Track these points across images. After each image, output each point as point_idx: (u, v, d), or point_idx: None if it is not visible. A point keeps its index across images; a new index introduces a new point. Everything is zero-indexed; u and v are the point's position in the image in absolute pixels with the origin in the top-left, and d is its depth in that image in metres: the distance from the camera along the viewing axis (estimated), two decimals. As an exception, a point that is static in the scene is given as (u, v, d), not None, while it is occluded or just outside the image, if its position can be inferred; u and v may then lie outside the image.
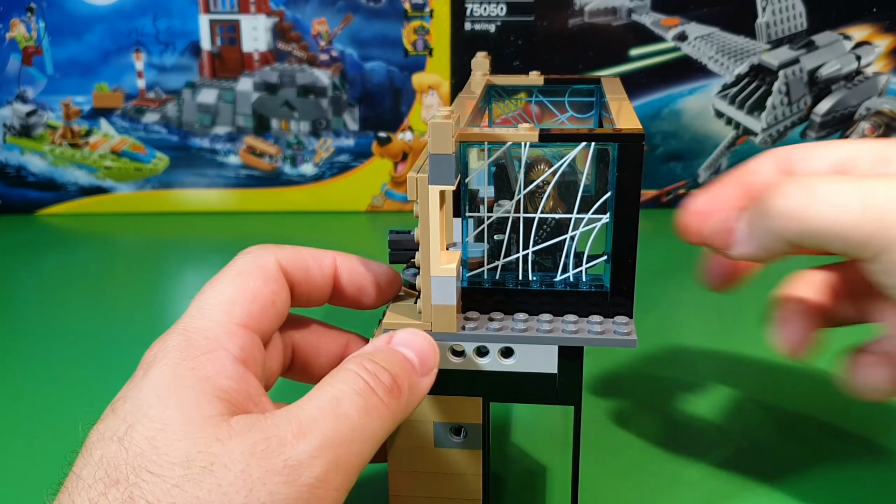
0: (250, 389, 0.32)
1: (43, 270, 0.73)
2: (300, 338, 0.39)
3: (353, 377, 0.32)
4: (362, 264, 0.39)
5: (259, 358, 0.35)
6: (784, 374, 0.53)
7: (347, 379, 0.32)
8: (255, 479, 0.28)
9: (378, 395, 0.32)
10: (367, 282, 0.39)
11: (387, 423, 0.32)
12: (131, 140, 0.83)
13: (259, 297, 0.35)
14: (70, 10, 0.78)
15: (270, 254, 0.37)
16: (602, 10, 0.79)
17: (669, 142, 0.83)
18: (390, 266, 0.40)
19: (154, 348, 0.33)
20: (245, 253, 0.37)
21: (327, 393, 0.32)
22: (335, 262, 0.38)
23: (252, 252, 0.37)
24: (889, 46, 0.80)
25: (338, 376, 0.33)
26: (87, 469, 0.28)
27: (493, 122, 0.49)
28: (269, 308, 0.35)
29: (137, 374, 0.32)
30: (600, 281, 0.37)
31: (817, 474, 0.44)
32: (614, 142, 0.34)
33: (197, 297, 0.35)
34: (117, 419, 0.30)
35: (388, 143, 0.83)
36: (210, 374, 0.31)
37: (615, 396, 0.51)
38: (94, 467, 0.28)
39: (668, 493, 0.42)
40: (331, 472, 0.30)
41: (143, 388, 0.31)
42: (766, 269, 0.41)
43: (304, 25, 0.79)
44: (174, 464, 0.28)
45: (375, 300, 0.39)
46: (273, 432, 0.29)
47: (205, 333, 0.33)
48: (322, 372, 0.39)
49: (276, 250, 0.37)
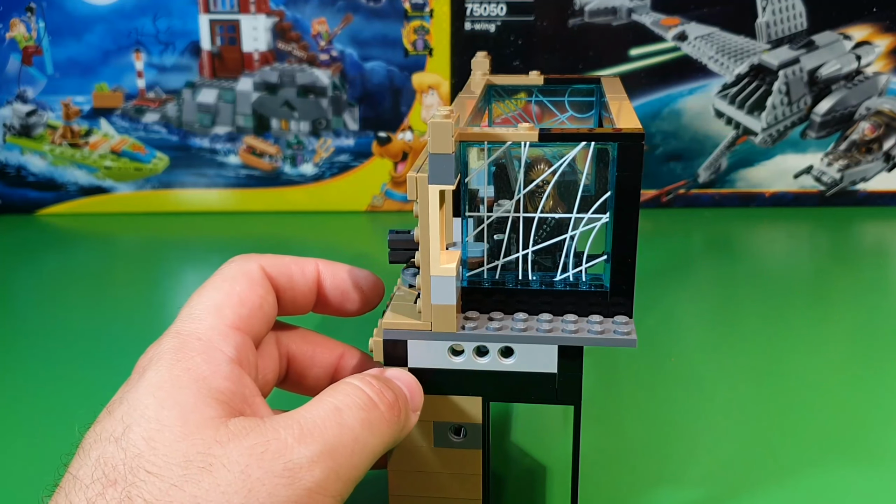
0: (245, 390, 0.32)
1: (43, 270, 0.73)
2: (295, 347, 0.39)
3: (355, 390, 0.33)
4: (345, 271, 0.39)
5: (252, 360, 0.35)
6: (784, 373, 0.53)
7: (350, 392, 0.33)
8: (254, 480, 0.28)
9: (380, 410, 0.33)
10: (351, 288, 0.39)
11: (386, 438, 0.33)
12: (131, 140, 0.83)
13: (246, 300, 0.35)
14: (70, 10, 0.78)
15: (253, 261, 0.37)
16: (602, 10, 0.79)
17: (669, 142, 0.83)
18: (372, 273, 0.40)
19: (149, 353, 0.33)
20: (228, 262, 0.37)
21: (329, 402, 0.32)
22: (318, 268, 0.39)
23: (235, 261, 0.37)
24: (889, 46, 0.80)
25: (340, 388, 0.33)
26: (84, 469, 0.28)
27: (493, 121, 0.49)
28: (258, 311, 0.36)
29: (133, 377, 0.32)
30: (600, 281, 0.37)
31: (817, 474, 0.44)
32: (614, 141, 0.34)
33: (185, 305, 0.35)
34: (114, 420, 0.30)
35: (388, 143, 0.83)
36: (206, 375, 0.31)
37: (615, 396, 0.51)
38: (91, 467, 0.28)
39: (668, 493, 0.42)
40: (330, 479, 0.30)
41: (140, 390, 0.31)
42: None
43: (304, 25, 0.79)
44: (172, 464, 0.28)
45: (359, 306, 0.39)
46: (273, 435, 0.30)
47: (197, 335, 0.33)
48: (316, 382, 0.39)
49: (258, 258, 0.37)
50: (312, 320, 0.40)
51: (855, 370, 0.54)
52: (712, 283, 0.69)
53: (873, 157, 0.83)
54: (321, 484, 0.29)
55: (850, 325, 0.61)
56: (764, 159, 0.83)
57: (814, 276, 0.72)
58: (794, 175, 0.84)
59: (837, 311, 0.64)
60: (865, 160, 0.83)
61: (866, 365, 0.55)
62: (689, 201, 0.85)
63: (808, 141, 0.83)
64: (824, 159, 0.83)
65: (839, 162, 0.83)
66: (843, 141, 0.83)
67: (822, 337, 0.59)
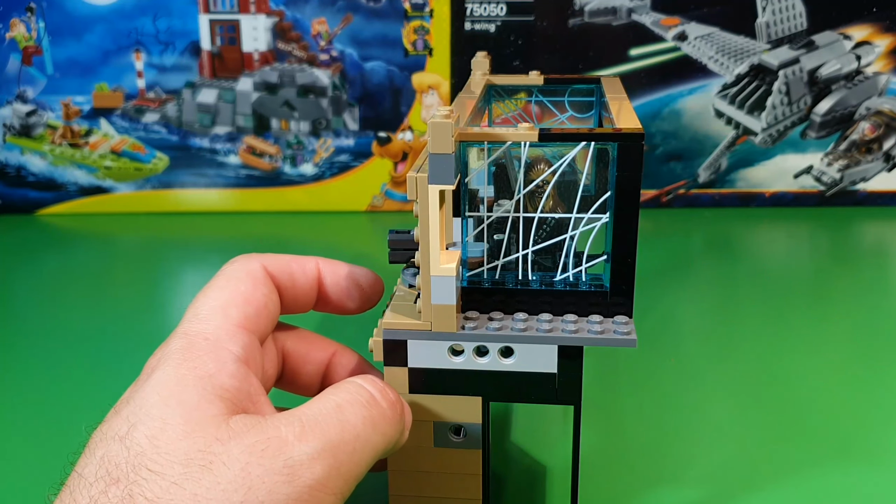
0: (251, 389, 0.32)
1: (43, 270, 0.73)
2: (290, 345, 0.39)
3: (358, 388, 0.33)
4: (345, 269, 0.39)
5: (258, 359, 0.35)
6: (784, 373, 0.53)
7: (352, 389, 0.33)
8: (254, 478, 0.28)
9: (382, 407, 0.33)
10: (351, 285, 0.39)
11: (388, 436, 0.33)
12: (131, 140, 0.83)
13: (251, 300, 0.35)
14: (70, 10, 0.78)
15: (255, 261, 0.37)
16: (602, 10, 0.79)
17: (669, 142, 0.83)
18: (372, 270, 0.40)
19: (157, 354, 0.33)
20: (231, 262, 0.37)
21: (331, 400, 0.32)
22: (318, 266, 0.39)
23: (238, 261, 0.37)
24: (889, 46, 0.80)
25: (343, 386, 0.33)
26: (89, 468, 0.29)
27: (493, 121, 0.49)
28: (263, 310, 0.36)
29: (141, 377, 0.32)
30: (600, 280, 0.37)
31: (817, 475, 0.44)
32: (614, 141, 0.34)
33: (191, 305, 0.35)
34: (120, 419, 0.30)
35: (388, 143, 0.83)
36: (212, 372, 0.31)
37: (615, 396, 0.51)
38: (95, 466, 0.29)
39: (668, 493, 0.42)
40: (331, 476, 0.30)
41: (146, 389, 0.31)
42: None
43: (304, 25, 0.79)
44: (174, 462, 0.28)
45: (359, 304, 0.40)
46: (274, 433, 0.30)
47: (205, 335, 0.33)
48: (309, 380, 0.39)
49: (260, 258, 0.38)
50: (314, 321, 0.40)
51: (855, 370, 0.54)
52: (712, 283, 0.69)
53: (873, 157, 0.83)
54: (322, 481, 0.29)
55: (850, 325, 0.61)
56: (764, 159, 0.83)
57: (814, 276, 0.72)
58: (794, 175, 0.84)
59: (837, 311, 0.64)
60: (865, 160, 0.83)
61: (866, 365, 0.55)
62: (689, 201, 0.85)
63: (808, 141, 0.83)
64: (824, 159, 0.83)
65: (839, 162, 0.83)
66: (843, 141, 0.83)
67: (822, 337, 0.59)
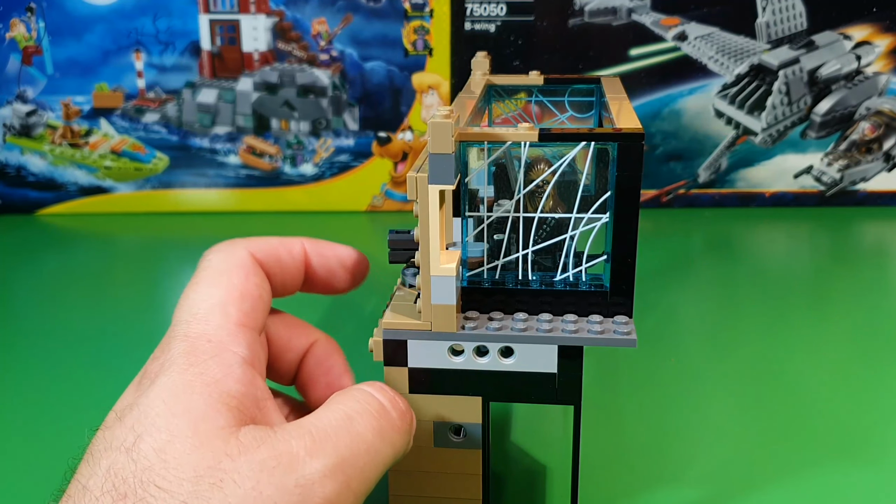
0: (257, 392, 0.32)
1: (43, 270, 0.73)
2: (274, 331, 0.38)
3: (367, 396, 0.32)
4: (330, 248, 0.38)
5: (262, 356, 0.34)
6: (784, 373, 0.53)
7: (361, 398, 0.32)
8: (265, 497, 0.28)
9: (392, 416, 0.32)
10: (337, 264, 0.38)
11: (397, 447, 0.32)
12: (131, 140, 0.83)
13: (247, 294, 0.34)
14: (70, 10, 0.78)
15: (241, 248, 0.36)
16: (602, 10, 0.79)
17: (669, 142, 0.83)
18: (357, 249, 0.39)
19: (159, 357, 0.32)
20: (215, 251, 0.36)
21: (340, 410, 0.31)
22: (304, 247, 0.38)
23: (223, 250, 0.36)
24: (889, 46, 0.80)
25: (352, 394, 0.32)
26: (94, 479, 0.28)
27: (493, 121, 0.49)
28: (258, 303, 0.35)
29: (144, 382, 0.31)
30: (600, 280, 0.37)
31: (817, 474, 0.44)
32: (614, 141, 0.34)
33: (181, 304, 0.34)
34: (125, 428, 0.29)
35: (388, 143, 0.83)
36: (218, 378, 0.31)
37: (615, 396, 0.51)
38: (101, 478, 0.28)
39: (668, 493, 0.42)
40: (342, 494, 0.29)
41: (151, 395, 0.30)
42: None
43: (304, 25, 0.79)
44: (183, 479, 0.27)
45: (346, 283, 0.39)
46: (284, 448, 0.29)
47: (207, 337, 0.32)
48: (288, 367, 0.38)
49: (245, 244, 0.36)
50: (316, 316, 0.39)
51: (855, 370, 0.54)
52: (712, 283, 0.69)
53: (873, 157, 0.83)
54: (333, 500, 0.29)
55: (850, 325, 0.61)
56: (764, 159, 0.83)
57: (814, 276, 0.72)
58: (794, 175, 0.84)
59: (837, 311, 0.64)
60: (865, 160, 0.83)
61: (866, 365, 0.55)
62: (689, 201, 0.85)
63: (808, 141, 0.83)
64: (824, 159, 0.83)
65: (839, 162, 0.83)
66: (843, 141, 0.83)
67: (822, 337, 0.59)
